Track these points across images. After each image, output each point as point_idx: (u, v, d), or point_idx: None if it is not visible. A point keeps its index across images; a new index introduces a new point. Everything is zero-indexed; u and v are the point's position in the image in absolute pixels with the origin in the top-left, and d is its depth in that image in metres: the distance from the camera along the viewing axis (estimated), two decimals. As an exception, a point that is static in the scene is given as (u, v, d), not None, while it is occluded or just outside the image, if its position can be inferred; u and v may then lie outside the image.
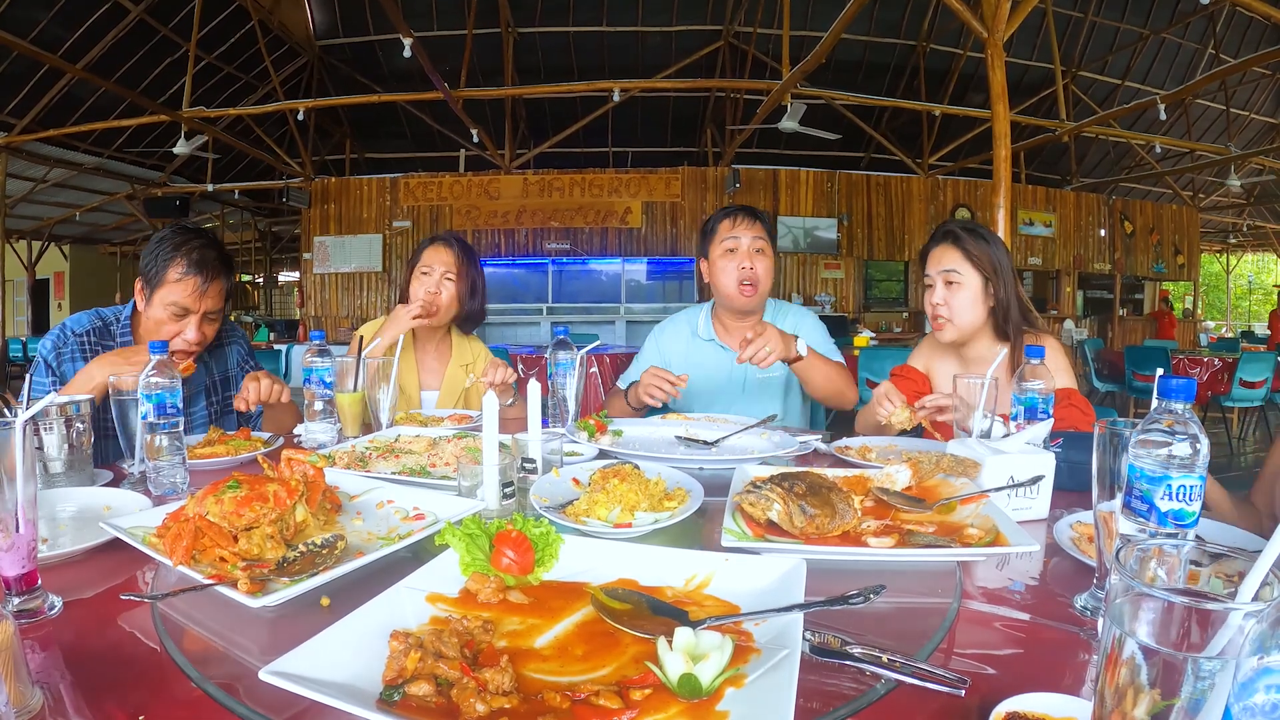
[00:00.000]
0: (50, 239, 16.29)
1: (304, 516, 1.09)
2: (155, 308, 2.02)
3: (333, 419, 2.01)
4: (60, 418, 1.46)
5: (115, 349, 2.00)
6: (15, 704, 0.66)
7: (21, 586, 0.89)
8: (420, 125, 13.66)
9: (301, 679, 0.65)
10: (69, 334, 2.05)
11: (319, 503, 1.14)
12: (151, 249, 2.04)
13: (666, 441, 1.90)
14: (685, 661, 0.69)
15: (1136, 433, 0.82)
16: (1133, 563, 0.55)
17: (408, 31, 7.45)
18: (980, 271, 2.07)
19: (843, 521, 1.11)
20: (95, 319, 2.12)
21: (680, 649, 0.71)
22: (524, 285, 13.01)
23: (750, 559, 0.98)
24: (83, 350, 2.04)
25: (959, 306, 2.08)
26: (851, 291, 13.27)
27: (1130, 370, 8.11)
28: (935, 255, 2.14)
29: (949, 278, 2.09)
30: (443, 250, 2.55)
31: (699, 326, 2.70)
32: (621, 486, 1.24)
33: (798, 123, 8.92)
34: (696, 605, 0.89)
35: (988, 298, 2.08)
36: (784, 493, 1.12)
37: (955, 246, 2.10)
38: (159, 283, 2.01)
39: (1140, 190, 16.09)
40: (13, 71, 9.47)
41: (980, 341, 2.14)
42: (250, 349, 2.46)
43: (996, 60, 5.34)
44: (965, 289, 2.08)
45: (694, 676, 0.68)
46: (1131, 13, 12.03)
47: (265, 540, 1.00)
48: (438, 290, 2.51)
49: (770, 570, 0.95)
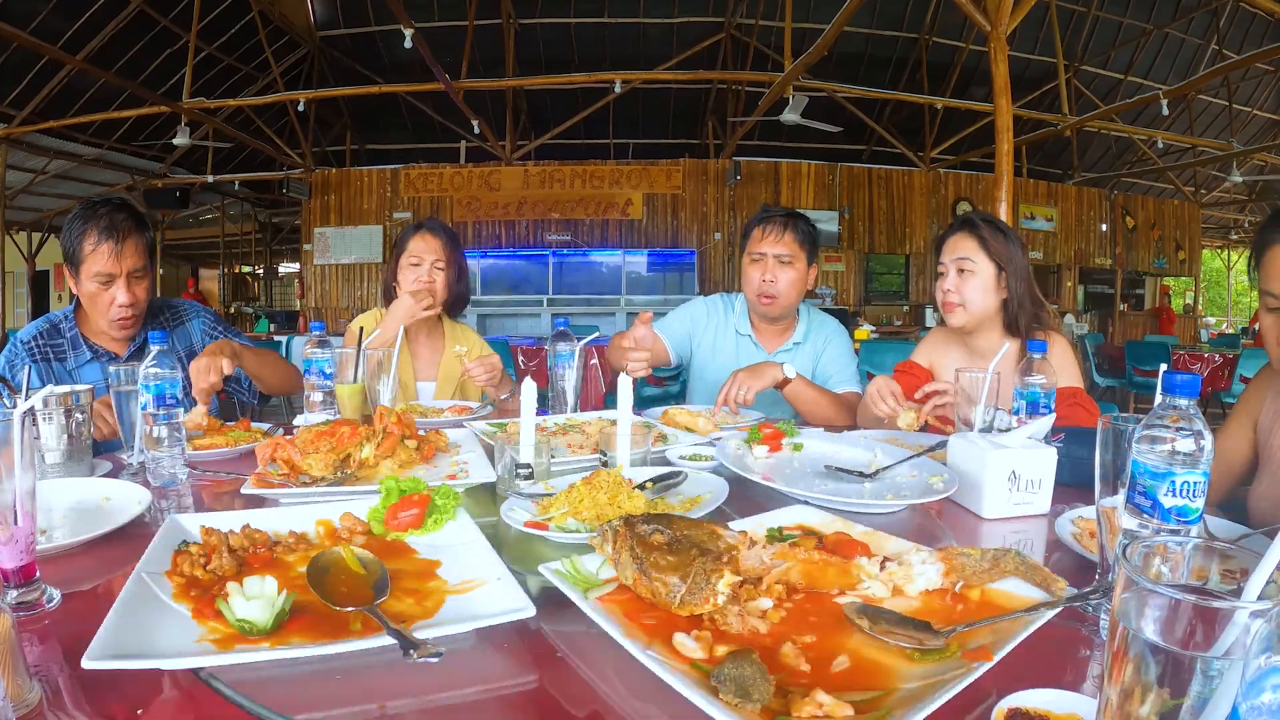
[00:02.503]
0: (50, 230, 16.24)
1: (368, 454, 1.48)
2: (84, 283, 2.07)
3: (332, 410, 2.00)
4: (60, 408, 1.45)
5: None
6: (13, 697, 0.66)
7: (19, 579, 0.88)
8: (421, 116, 13.63)
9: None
10: (18, 344, 2.11)
11: (395, 448, 1.52)
12: (65, 231, 2.08)
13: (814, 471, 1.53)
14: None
15: (1140, 428, 0.82)
16: (1137, 559, 0.54)
17: (408, 22, 7.42)
18: (994, 260, 2.07)
19: (691, 601, 0.80)
20: (43, 324, 2.18)
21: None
22: (525, 277, 12.99)
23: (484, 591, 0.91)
24: (31, 355, 2.09)
25: (970, 293, 2.08)
26: (852, 285, 13.25)
27: (1131, 365, 8.10)
28: (951, 243, 2.14)
29: (962, 265, 2.09)
30: (430, 239, 2.56)
31: (737, 320, 2.69)
32: (583, 490, 1.20)
33: (799, 115, 8.89)
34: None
35: (1000, 289, 2.08)
36: (627, 534, 0.88)
37: (971, 235, 2.10)
38: (79, 259, 2.05)
39: (1142, 185, 16.04)
40: (12, 63, 9.43)
41: (989, 334, 2.14)
42: (217, 319, 2.47)
43: (999, 54, 5.32)
44: (978, 276, 2.08)
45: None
46: (1135, 7, 11.97)
47: (318, 462, 1.40)
48: (430, 279, 2.51)
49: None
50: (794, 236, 2.51)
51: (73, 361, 2.14)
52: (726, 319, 2.72)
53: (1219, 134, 12.92)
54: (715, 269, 12.76)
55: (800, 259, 2.52)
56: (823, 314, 2.75)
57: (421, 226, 2.60)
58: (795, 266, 2.51)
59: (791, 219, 2.55)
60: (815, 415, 2.33)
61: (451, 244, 2.59)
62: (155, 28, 10.34)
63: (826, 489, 1.37)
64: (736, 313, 2.70)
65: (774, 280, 2.49)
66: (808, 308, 2.73)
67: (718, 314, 2.74)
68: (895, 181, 13.41)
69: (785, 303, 2.54)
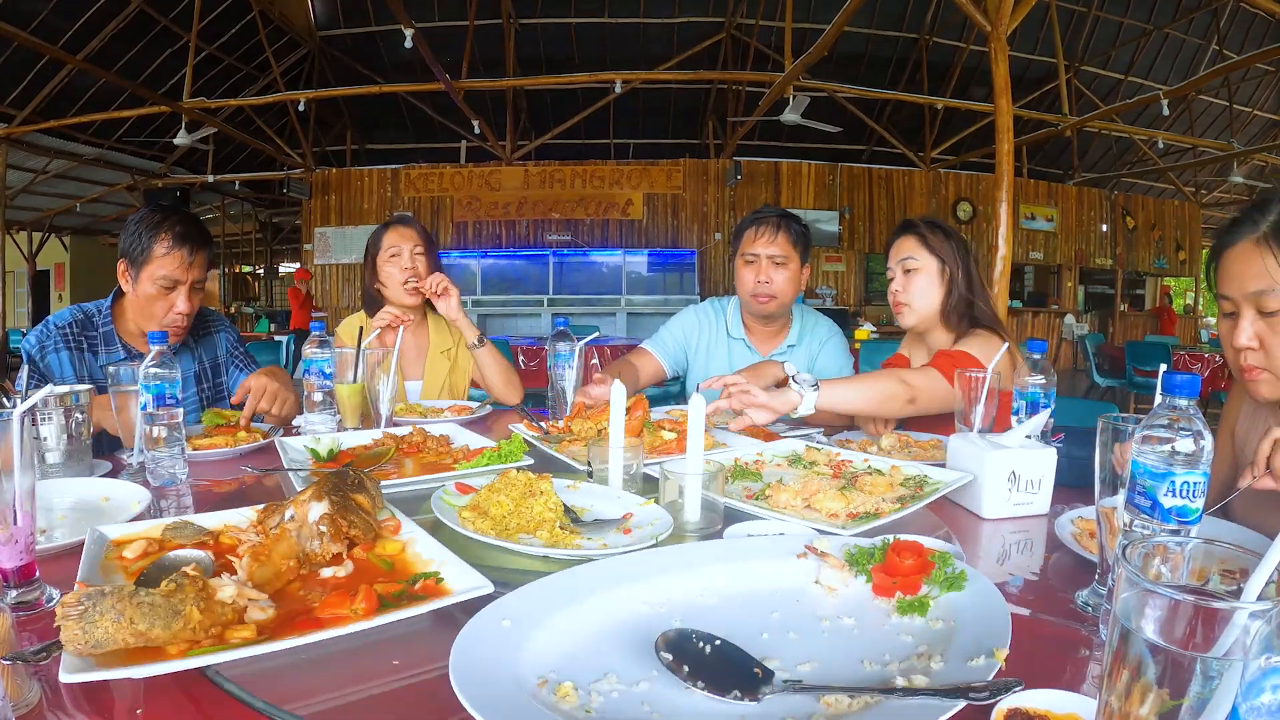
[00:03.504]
0: (51, 230, 16.27)
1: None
2: (144, 284, 2.06)
3: (332, 410, 2.00)
4: (59, 408, 1.45)
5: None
6: (13, 697, 0.66)
7: (19, 579, 0.88)
8: (421, 116, 13.63)
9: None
10: (51, 327, 2.10)
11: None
12: (133, 230, 2.07)
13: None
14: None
15: (1140, 429, 0.82)
16: (1137, 559, 0.54)
17: (409, 22, 7.42)
18: (936, 256, 2.09)
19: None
20: (77, 312, 2.16)
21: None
22: (525, 276, 13.00)
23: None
24: (65, 341, 2.08)
25: (915, 291, 2.11)
26: (852, 285, 13.26)
27: (1131, 365, 8.09)
28: (896, 247, 2.17)
29: (906, 265, 2.11)
30: (404, 229, 2.57)
31: (729, 324, 2.68)
32: (486, 496, 1.17)
33: (800, 115, 8.88)
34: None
35: (943, 283, 2.10)
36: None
37: (912, 234, 2.13)
38: (145, 260, 2.05)
39: (1142, 185, 16.05)
40: (12, 63, 9.44)
41: (939, 332, 2.13)
42: (239, 338, 2.49)
43: (1000, 54, 5.32)
44: (921, 273, 2.10)
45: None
46: (1135, 7, 11.98)
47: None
48: (413, 265, 2.52)
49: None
50: (787, 237, 2.50)
51: (104, 356, 2.13)
52: (718, 325, 2.70)
53: (1219, 134, 12.93)
54: (715, 269, 12.75)
55: (794, 259, 2.52)
56: (817, 314, 2.74)
57: (391, 222, 2.61)
58: (789, 266, 2.50)
59: (784, 219, 2.53)
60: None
61: (423, 233, 2.61)
62: (155, 28, 10.35)
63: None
64: (729, 318, 2.68)
65: (769, 281, 2.48)
66: (801, 309, 2.71)
67: (709, 320, 2.72)
68: (895, 182, 13.42)
69: (782, 301, 2.52)
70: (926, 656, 0.75)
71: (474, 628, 0.76)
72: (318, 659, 0.77)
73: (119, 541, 1.02)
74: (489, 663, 0.71)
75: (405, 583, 0.91)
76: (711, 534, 1.19)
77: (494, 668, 0.70)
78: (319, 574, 0.95)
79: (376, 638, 0.80)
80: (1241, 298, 1.29)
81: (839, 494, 1.26)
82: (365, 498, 1.08)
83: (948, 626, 0.80)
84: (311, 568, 0.96)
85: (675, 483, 1.23)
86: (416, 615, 0.83)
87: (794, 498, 1.27)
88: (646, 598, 0.88)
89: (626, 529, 1.16)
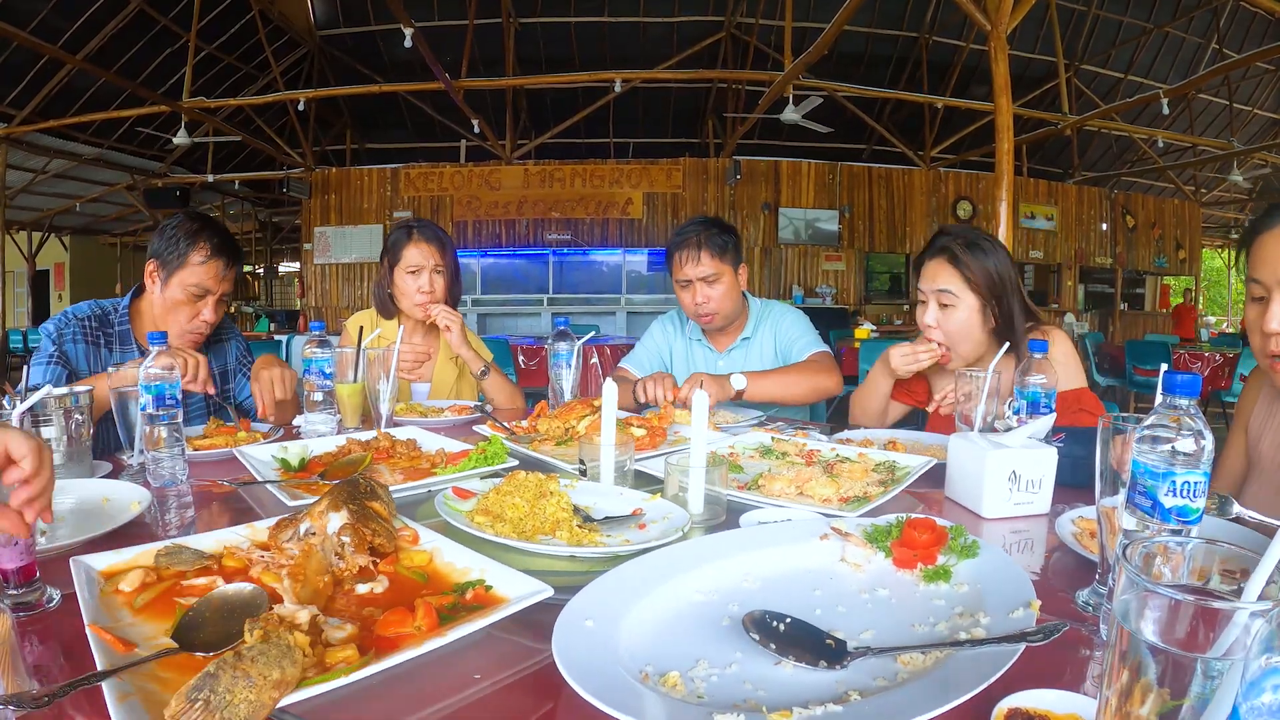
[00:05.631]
0: (50, 230, 16.27)
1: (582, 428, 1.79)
2: (173, 289, 2.09)
3: (332, 410, 2.01)
4: (59, 409, 1.45)
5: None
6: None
7: (20, 579, 0.88)
8: (421, 116, 13.62)
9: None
10: (71, 317, 2.13)
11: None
12: (170, 234, 2.10)
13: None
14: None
15: (1141, 428, 0.81)
16: (1137, 559, 0.54)
17: (408, 21, 7.41)
18: (978, 295, 1.91)
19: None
20: (95, 308, 2.19)
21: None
22: (524, 276, 13.00)
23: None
24: (84, 333, 2.11)
25: (956, 334, 1.94)
26: (852, 284, 13.25)
27: (1131, 365, 8.09)
28: (930, 270, 1.98)
29: (943, 299, 1.94)
30: (424, 245, 2.55)
31: (689, 329, 2.81)
32: (493, 499, 1.18)
33: (802, 114, 8.88)
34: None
35: (987, 320, 1.93)
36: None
37: (951, 265, 1.93)
38: (180, 265, 2.08)
39: (1142, 184, 16.04)
40: (12, 62, 9.44)
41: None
42: (248, 347, 2.52)
43: (999, 53, 5.31)
44: (959, 311, 1.93)
45: None
46: (1135, 7, 11.97)
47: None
48: (431, 289, 2.52)
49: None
50: (709, 253, 2.52)
51: (119, 355, 2.14)
52: (680, 331, 2.84)
53: (1219, 133, 12.92)
54: (715, 268, 12.66)
55: (724, 270, 2.55)
56: (766, 302, 2.81)
57: (414, 232, 2.58)
58: (722, 280, 2.56)
59: (702, 236, 2.54)
60: (793, 394, 2.42)
61: (444, 246, 2.60)
62: (155, 27, 10.34)
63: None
64: (688, 322, 2.81)
65: (706, 300, 2.56)
66: (751, 301, 2.78)
67: (674, 328, 2.86)
68: (895, 181, 13.40)
69: (725, 313, 2.61)
70: (968, 615, 0.83)
71: (563, 633, 0.76)
72: (394, 678, 0.75)
73: (108, 573, 0.95)
74: (596, 665, 0.71)
75: (453, 593, 0.90)
76: (716, 525, 1.24)
77: (603, 669, 0.70)
78: (354, 590, 0.91)
79: (445, 651, 0.78)
80: (1274, 282, 1.28)
81: (829, 480, 1.36)
82: (381, 505, 1.05)
83: (974, 589, 0.90)
84: (339, 583, 0.92)
85: (677, 477, 1.28)
86: (489, 625, 0.82)
87: (788, 485, 1.38)
88: (698, 587, 0.93)
89: (641, 524, 1.18)
